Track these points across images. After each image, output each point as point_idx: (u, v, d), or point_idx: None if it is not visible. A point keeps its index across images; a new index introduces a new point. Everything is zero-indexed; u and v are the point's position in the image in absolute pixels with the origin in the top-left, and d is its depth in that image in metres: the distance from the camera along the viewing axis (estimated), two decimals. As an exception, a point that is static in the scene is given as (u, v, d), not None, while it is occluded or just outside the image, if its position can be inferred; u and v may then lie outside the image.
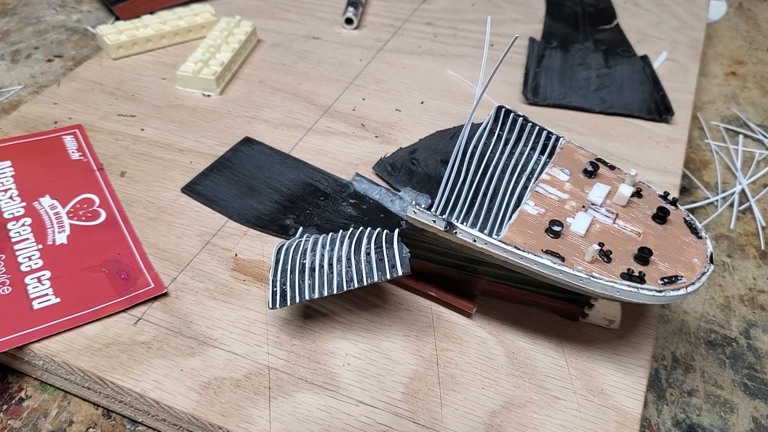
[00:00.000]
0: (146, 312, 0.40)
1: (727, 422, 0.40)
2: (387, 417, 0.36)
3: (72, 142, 0.53)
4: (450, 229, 0.36)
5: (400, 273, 0.36)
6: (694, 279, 0.35)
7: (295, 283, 0.38)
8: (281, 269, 0.39)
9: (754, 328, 0.46)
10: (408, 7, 0.75)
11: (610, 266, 0.35)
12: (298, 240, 0.41)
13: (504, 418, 0.36)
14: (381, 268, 0.37)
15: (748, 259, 0.51)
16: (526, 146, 0.44)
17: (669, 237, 0.38)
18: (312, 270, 0.38)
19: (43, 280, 0.41)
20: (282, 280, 0.39)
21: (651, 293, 0.34)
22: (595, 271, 0.35)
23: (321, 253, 0.39)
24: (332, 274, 0.38)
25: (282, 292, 0.38)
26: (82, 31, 0.74)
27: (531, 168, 0.43)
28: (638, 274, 0.35)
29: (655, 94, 0.61)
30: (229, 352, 0.38)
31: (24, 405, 0.39)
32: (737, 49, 0.78)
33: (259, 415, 0.35)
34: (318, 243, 0.40)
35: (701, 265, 0.36)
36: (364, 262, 0.38)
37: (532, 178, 0.42)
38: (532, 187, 0.40)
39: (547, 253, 0.35)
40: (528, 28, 0.72)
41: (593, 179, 0.41)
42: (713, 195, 0.57)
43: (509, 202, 0.42)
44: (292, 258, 0.40)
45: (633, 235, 0.37)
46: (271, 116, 0.57)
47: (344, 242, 0.39)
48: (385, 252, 0.37)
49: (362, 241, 0.39)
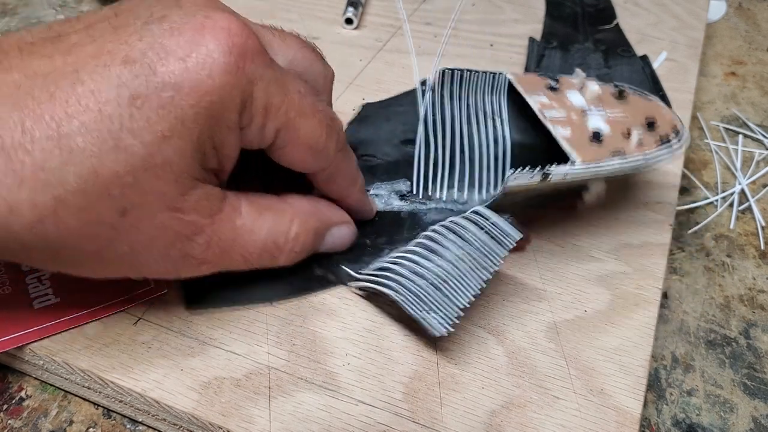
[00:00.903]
0: (146, 312, 0.40)
1: (726, 422, 0.40)
2: (387, 416, 0.36)
3: (72, 142, 0.53)
4: (545, 177, 0.39)
5: (517, 238, 0.38)
6: (681, 128, 0.46)
7: (441, 303, 0.37)
8: (413, 301, 0.37)
9: (754, 327, 0.46)
10: (408, 7, 0.75)
11: (644, 142, 0.43)
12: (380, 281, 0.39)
13: (504, 418, 0.36)
14: (499, 244, 0.38)
15: (747, 259, 0.51)
16: (480, 93, 0.47)
17: (640, 108, 0.47)
18: (445, 282, 0.37)
19: (43, 280, 0.41)
20: (425, 307, 0.37)
21: (677, 148, 0.44)
22: (645, 149, 0.42)
23: (433, 267, 0.38)
24: (464, 276, 0.38)
25: (443, 317, 0.37)
26: (82, 31, 0.74)
27: (493, 109, 0.47)
28: (667, 137, 0.44)
29: (654, 94, 0.61)
30: (229, 351, 0.38)
31: (24, 405, 0.39)
32: (737, 49, 0.78)
33: (259, 415, 0.35)
34: (415, 264, 0.39)
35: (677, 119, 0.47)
36: (480, 251, 0.38)
37: (497, 118, 0.47)
38: (546, 119, 0.44)
39: (615, 155, 0.41)
40: (528, 28, 0.72)
41: (563, 91, 0.46)
42: (713, 195, 0.57)
43: (488, 147, 0.46)
44: (411, 288, 0.38)
45: (624, 116, 0.45)
46: (271, 116, 0.57)
47: (432, 245, 0.39)
48: (491, 229, 0.38)
49: (454, 233, 0.39)
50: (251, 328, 0.40)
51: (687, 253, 0.52)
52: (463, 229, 0.39)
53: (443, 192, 0.47)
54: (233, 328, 0.40)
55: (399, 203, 0.47)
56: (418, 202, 0.47)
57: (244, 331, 0.40)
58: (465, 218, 0.40)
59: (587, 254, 0.46)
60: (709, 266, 0.51)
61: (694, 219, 0.55)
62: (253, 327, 0.40)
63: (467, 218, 0.40)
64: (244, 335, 0.39)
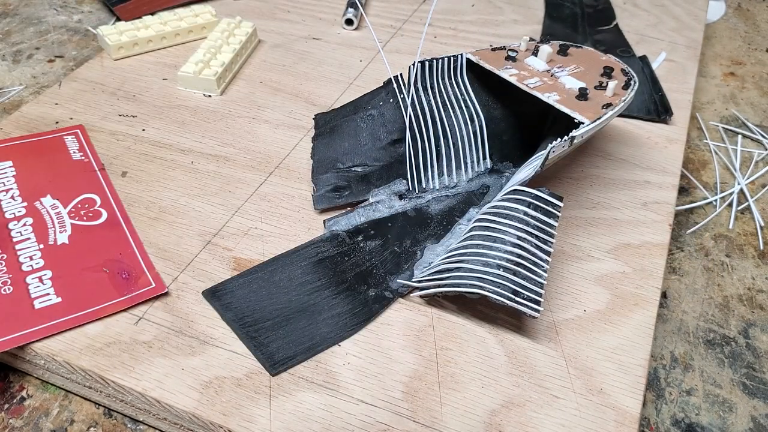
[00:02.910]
0: (147, 311, 0.40)
1: (726, 421, 0.40)
2: (387, 416, 0.36)
3: (73, 142, 0.53)
4: (572, 141, 0.42)
5: (561, 205, 0.40)
6: (626, 67, 0.52)
7: (523, 285, 0.38)
8: (502, 293, 0.38)
9: (753, 327, 0.46)
10: (408, 8, 0.75)
11: (615, 90, 0.48)
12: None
13: (503, 417, 0.36)
14: (549, 215, 0.40)
15: (746, 259, 0.51)
16: (447, 78, 0.51)
17: (584, 58, 0.53)
18: (518, 265, 0.38)
19: (44, 280, 0.41)
20: (511, 294, 0.38)
21: (635, 85, 0.50)
22: (619, 96, 0.47)
23: (501, 254, 0.38)
24: (532, 254, 0.39)
25: (529, 299, 0.38)
26: (83, 32, 0.74)
27: (460, 90, 0.51)
28: (628, 81, 0.50)
29: (654, 94, 0.61)
30: (230, 351, 0.38)
31: (25, 404, 0.39)
32: (736, 49, 0.78)
33: (259, 414, 0.35)
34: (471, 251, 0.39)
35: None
36: (536, 227, 0.39)
37: (467, 98, 0.51)
38: (531, 89, 0.47)
39: (605, 107, 0.46)
40: (527, 29, 0.72)
41: (521, 59, 0.51)
42: (712, 195, 0.57)
43: (466, 126, 0.50)
44: (494, 281, 0.38)
45: (582, 69, 0.51)
46: (272, 117, 0.57)
47: (488, 234, 0.39)
48: (537, 203, 0.40)
49: (504, 217, 0.40)
50: (252, 328, 0.40)
51: (686, 253, 0.52)
52: (511, 211, 0.39)
53: (435, 181, 0.49)
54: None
55: (400, 203, 0.48)
56: (416, 198, 0.48)
57: (244, 330, 0.40)
58: (507, 200, 0.40)
59: (587, 254, 0.46)
60: (708, 266, 0.51)
61: (693, 219, 0.55)
62: (253, 326, 0.40)
63: (509, 199, 0.40)
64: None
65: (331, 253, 0.44)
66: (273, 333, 0.39)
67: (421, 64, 0.49)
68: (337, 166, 0.49)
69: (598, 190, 0.51)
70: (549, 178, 0.52)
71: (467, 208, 0.48)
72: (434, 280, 0.40)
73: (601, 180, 0.52)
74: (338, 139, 0.50)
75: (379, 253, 0.44)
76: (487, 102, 0.51)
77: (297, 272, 0.43)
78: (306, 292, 0.41)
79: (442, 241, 0.45)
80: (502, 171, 0.51)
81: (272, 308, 0.40)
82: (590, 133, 0.44)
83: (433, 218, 0.47)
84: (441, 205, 0.47)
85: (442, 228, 0.46)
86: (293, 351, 0.38)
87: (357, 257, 0.44)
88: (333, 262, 0.43)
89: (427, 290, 0.41)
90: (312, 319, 0.40)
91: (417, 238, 0.45)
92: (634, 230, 0.48)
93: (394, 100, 0.49)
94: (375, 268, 0.43)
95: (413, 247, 0.45)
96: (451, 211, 0.47)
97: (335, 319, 0.40)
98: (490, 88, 0.52)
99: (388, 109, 0.49)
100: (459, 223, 0.46)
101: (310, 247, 0.44)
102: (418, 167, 0.49)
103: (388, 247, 0.44)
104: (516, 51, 0.52)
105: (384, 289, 0.42)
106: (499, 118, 0.51)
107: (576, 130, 0.42)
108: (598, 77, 0.50)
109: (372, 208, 0.47)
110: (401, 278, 0.42)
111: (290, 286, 0.42)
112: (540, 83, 0.48)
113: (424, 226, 0.46)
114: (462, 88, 0.51)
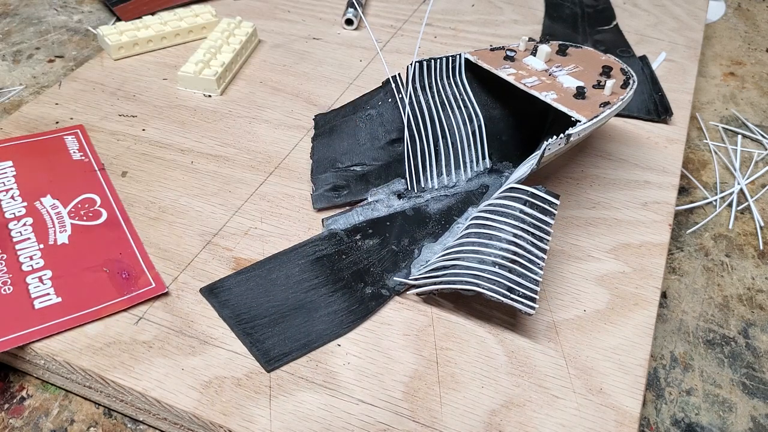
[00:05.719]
0: (147, 311, 0.40)
1: (725, 421, 0.40)
2: (387, 416, 0.36)
3: (73, 142, 0.53)
4: (568, 139, 0.42)
5: (557, 203, 0.40)
6: (625, 66, 0.52)
7: (518, 282, 0.38)
8: (496, 290, 0.38)
9: (753, 327, 0.46)
10: (408, 8, 0.75)
11: (613, 89, 0.48)
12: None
13: (503, 417, 0.36)
14: (545, 213, 0.40)
15: (746, 259, 0.51)
16: (445, 78, 0.51)
17: (583, 58, 0.53)
18: (514, 262, 0.38)
19: (44, 280, 0.41)
20: (506, 291, 0.38)
21: (635, 84, 0.50)
22: (617, 95, 0.47)
23: (497, 252, 0.38)
24: (528, 251, 0.39)
25: (525, 296, 0.38)
26: (83, 32, 0.74)
27: (459, 90, 0.51)
28: (627, 80, 0.50)
29: (653, 94, 0.61)
30: (230, 351, 0.38)
31: (25, 404, 0.39)
32: (736, 49, 0.78)
33: (259, 414, 0.35)
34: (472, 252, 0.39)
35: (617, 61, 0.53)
36: (532, 224, 0.39)
37: (465, 97, 0.51)
38: (530, 89, 0.48)
39: (602, 106, 0.46)
40: (527, 29, 0.72)
41: (519, 59, 0.51)
42: (712, 195, 0.57)
43: (465, 126, 0.50)
44: (489, 278, 0.38)
45: (581, 68, 0.50)
46: (272, 116, 0.57)
47: (485, 231, 0.40)
48: (534, 201, 0.40)
49: (500, 215, 0.40)
50: (252, 328, 0.40)
51: (686, 253, 0.52)
52: (507, 208, 0.40)
53: (434, 180, 0.49)
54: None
55: (399, 202, 0.48)
56: (415, 197, 0.48)
57: (244, 330, 0.40)
58: (503, 198, 0.40)
59: (587, 254, 0.46)
60: (708, 266, 0.51)
61: (693, 219, 0.55)
62: (253, 326, 0.40)
63: (506, 197, 0.40)
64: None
65: (329, 251, 0.44)
66: (269, 330, 0.39)
67: (419, 64, 0.50)
68: (336, 166, 0.49)
69: (598, 190, 0.51)
70: (549, 177, 0.52)
71: (466, 207, 0.48)
72: (430, 278, 0.40)
73: (601, 180, 0.52)
74: (337, 138, 0.50)
75: (377, 252, 0.44)
76: (486, 102, 0.52)
77: (294, 270, 0.43)
78: (303, 290, 0.41)
79: (440, 240, 0.45)
80: (501, 171, 0.51)
81: (269, 305, 0.40)
82: (588, 131, 0.44)
83: (431, 217, 0.47)
84: (440, 205, 0.47)
85: (440, 227, 0.46)
86: (289, 347, 0.38)
87: (354, 255, 0.44)
88: (330, 260, 0.43)
89: (423, 288, 0.41)
90: (308, 316, 0.40)
91: (415, 237, 0.45)
92: (634, 230, 0.48)
93: (392, 99, 0.49)
94: (372, 266, 0.43)
95: (411, 245, 0.45)
96: (449, 211, 0.47)
97: (331, 316, 0.40)
98: (489, 88, 0.52)
99: (386, 109, 0.49)
100: (457, 223, 0.46)
101: (307, 246, 0.45)
102: (416, 167, 0.49)
103: (386, 245, 0.44)
104: (514, 51, 0.52)
105: (381, 287, 0.42)
106: (498, 118, 0.52)
107: (572, 128, 0.42)
108: (596, 76, 0.50)
109: (371, 208, 0.47)
110: (398, 276, 0.42)
111: (287, 284, 0.42)
112: (538, 82, 0.48)
113: (423, 225, 0.46)
114: (461, 87, 0.51)
